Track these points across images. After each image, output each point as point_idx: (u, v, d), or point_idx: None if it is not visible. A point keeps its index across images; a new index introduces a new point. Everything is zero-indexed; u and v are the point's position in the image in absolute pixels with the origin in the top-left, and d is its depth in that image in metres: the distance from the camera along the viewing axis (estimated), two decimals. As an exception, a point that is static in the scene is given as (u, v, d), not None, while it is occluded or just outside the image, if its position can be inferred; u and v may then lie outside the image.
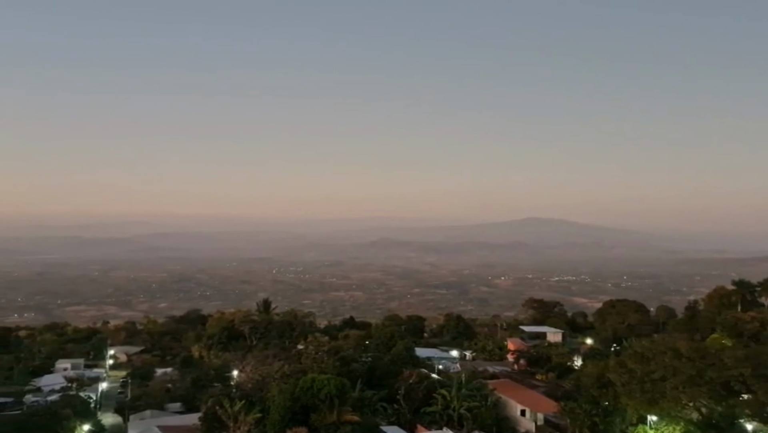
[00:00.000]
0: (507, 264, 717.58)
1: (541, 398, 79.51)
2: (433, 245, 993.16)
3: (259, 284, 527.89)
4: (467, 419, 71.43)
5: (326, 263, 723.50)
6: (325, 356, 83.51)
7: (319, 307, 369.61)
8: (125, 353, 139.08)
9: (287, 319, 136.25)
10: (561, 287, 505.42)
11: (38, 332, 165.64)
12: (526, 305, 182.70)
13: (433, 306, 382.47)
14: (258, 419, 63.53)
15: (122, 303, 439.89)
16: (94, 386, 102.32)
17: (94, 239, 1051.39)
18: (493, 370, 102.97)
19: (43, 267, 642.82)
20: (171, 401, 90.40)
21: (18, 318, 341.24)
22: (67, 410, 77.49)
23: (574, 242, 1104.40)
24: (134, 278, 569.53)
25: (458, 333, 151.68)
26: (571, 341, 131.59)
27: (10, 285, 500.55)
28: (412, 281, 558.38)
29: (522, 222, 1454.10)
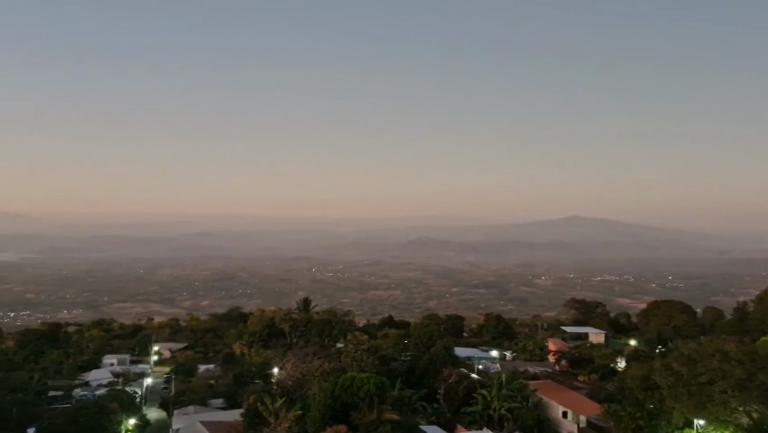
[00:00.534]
0: (548, 264, 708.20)
1: (584, 400, 78.17)
2: (473, 244, 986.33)
3: (298, 282, 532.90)
4: (508, 419, 70.72)
5: (365, 262, 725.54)
6: (364, 355, 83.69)
7: (358, 306, 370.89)
8: (169, 350, 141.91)
9: (327, 317, 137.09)
10: (603, 287, 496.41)
11: (86, 328, 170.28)
12: (567, 306, 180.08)
13: (472, 306, 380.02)
14: (298, 417, 64.02)
15: (166, 300, 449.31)
16: (140, 382, 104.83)
17: (140, 237, 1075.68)
18: (534, 370, 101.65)
19: (91, 265, 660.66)
20: (213, 397, 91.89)
21: (67, 314, 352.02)
22: (114, 404, 79.51)
23: (617, 241, 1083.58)
24: (178, 276, 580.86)
25: (498, 333, 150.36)
26: (614, 342, 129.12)
27: (61, 282, 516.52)
28: (451, 280, 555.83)
29: (563, 221, 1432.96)
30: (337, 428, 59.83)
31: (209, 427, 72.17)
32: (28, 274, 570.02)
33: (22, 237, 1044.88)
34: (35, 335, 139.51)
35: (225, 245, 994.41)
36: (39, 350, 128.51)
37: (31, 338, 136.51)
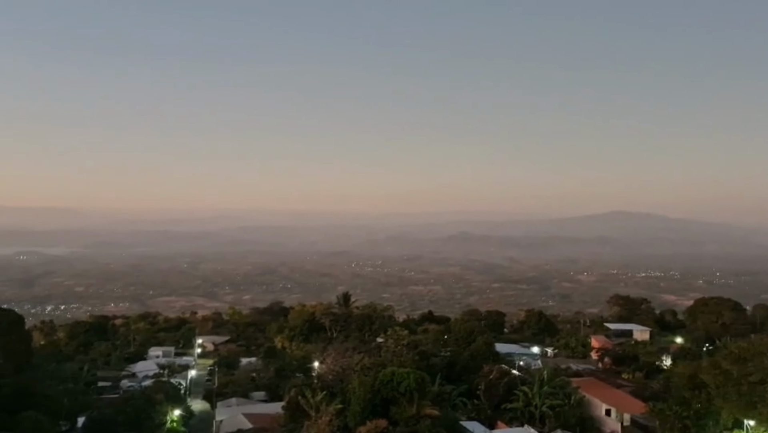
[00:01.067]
0: (591, 259, 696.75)
1: (628, 398, 76.76)
2: (514, 240, 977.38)
3: (338, 277, 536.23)
4: (549, 417, 69.85)
5: (405, 257, 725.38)
6: (404, 350, 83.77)
7: (397, 301, 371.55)
8: (212, 343, 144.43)
9: (366, 312, 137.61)
10: (648, 283, 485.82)
11: (132, 321, 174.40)
12: (611, 302, 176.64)
13: (513, 302, 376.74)
14: (339, 410, 64.39)
15: (209, 294, 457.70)
16: (184, 373, 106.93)
17: (184, 232, 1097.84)
18: (576, 368, 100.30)
19: (137, 260, 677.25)
20: (255, 389, 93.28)
21: (114, 307, 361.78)
22: (159, 395, 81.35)
23: (663, 236, 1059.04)
24: (220, 270, 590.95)
25: (539, 329, 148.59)
26: (659, 339, 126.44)
27: (108, 276, 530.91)
28: (492, 275, 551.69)
29: (607, 216, 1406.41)
30: (377, 423, 59.98)
31: (252, 419, 73.34)
32: (77, 268, 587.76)
33: (72, 232, 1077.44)
34: (84, 327, 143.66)
35: (267, 240, 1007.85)
36: (88, 342, 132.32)
37: (81, 330, 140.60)
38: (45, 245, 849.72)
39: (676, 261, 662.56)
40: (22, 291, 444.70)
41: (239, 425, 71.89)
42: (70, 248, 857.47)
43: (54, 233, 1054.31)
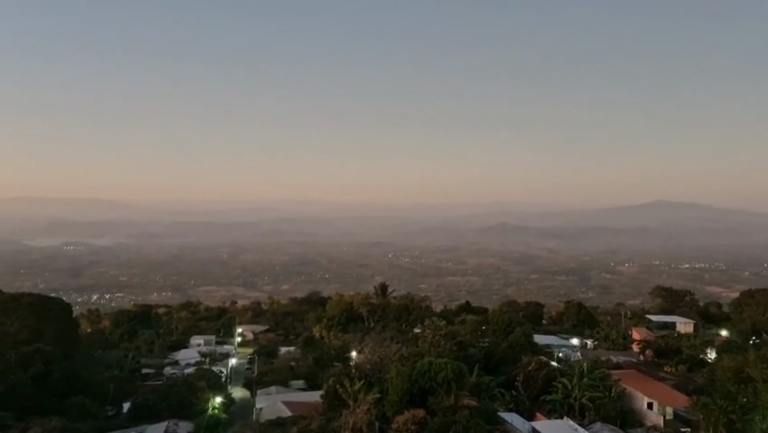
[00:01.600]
0: (632, 250, 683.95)
1: (671, 392, 75.29)
2: (553, 231, 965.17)
3: (375, 267, 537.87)
4: (589, 409, 68.98)
5: (442, 248, 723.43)
6: (442, 340, 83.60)
7: (434, 291, 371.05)
8: (252, 332, 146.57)
9: (404, 303, 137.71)
10: (692, 275, 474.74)
11: (175, 310, 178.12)
12: (653, 294, 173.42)
13: (551, 293, 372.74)
14: (377, 400, 64.73)
15: (249, 284, 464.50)
16: (225, 362, 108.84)
17: (224, 223, 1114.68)
18: (616, 360, 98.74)
19: (179, 250, 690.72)
20: (294, 378, 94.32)
21: (157, 296, 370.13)
22: (201, 382, 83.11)
23: (708, 227, 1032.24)
24: (259, 260, 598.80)
25: (579, 321, 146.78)
26: (703, 332, 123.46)
27: (151, 267, 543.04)
28: (530, 266, 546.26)
29: (649, 206, 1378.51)
30: (415, 412, 60.10)
31: (291, 407, 74.23)
32: (121, 258, 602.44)
33: (117, 223, 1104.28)
34: (128, 315, 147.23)
35: (305, 231, 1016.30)
36: (132, 330, 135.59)
37: (125, 318, 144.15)
38: (91, 236, 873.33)
39: (722, 252, 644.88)
40: (69, 281, 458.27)
41: (279, 412, 72.85)
42: (115, 238, 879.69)
43: (99, 224, 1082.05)
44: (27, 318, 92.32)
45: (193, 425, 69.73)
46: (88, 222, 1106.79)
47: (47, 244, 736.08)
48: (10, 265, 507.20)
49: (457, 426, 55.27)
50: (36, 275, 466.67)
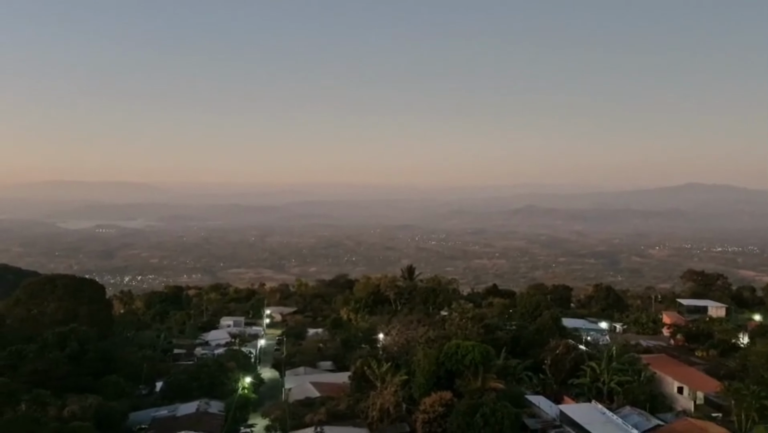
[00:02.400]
0: (663, 233, 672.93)
1: (702, 376, 74.39)
2: (582, 213, 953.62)
3: (402, 250, 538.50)
4: (618, 393, 68.61)
5: (469, 231, 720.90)
6: (469, 323, 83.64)
7: (461, 274, 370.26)
8: (280, 313, 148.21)
9: (431, 285, 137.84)
10: (725, 258, 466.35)
11: (205, 292, 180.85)
12: (684, 277, 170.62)
13: (580, 276, 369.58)
14: (404, 381, 65.16)
15: (276, 267, 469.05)
16: (254, 343, 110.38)
17: (253, 206, 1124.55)
18: (646, 344, 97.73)
19: (208, 233, 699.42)
20: (322, 359, 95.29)
21: (187, 278, 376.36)
22: (231, 363, 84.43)
23: (741, 209, 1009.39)
24: (287, 243, 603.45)
25: (608, 304, 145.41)
26: (736, 316, 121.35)
27: (182, 249, 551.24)
28: (558, 249, 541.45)
29: (681, 188, 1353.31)
30: (442, 394, 60.39)
31: (319, 387, 75.18)
32: (152, 240, 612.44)
33: (148, 206, 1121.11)
34: (160, 297, 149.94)
35: (332, 214, 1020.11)
36: (164, 311, 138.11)
37: (157, 299, 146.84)
38: (122, 218, 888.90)
39: (756, 235, 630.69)
40: (102, 262, 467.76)
41: (307, 393, 73.86)
42: (146, 221, 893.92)
43: (131, 207, 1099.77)
44: (63, 299, 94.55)
45: (224, 404, 70.98)
46: (119, 205, 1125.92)
47: (80, 226, 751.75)
48: (45, 247, 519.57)
49: (484, 409, 55.36)
50: (70, 257, 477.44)
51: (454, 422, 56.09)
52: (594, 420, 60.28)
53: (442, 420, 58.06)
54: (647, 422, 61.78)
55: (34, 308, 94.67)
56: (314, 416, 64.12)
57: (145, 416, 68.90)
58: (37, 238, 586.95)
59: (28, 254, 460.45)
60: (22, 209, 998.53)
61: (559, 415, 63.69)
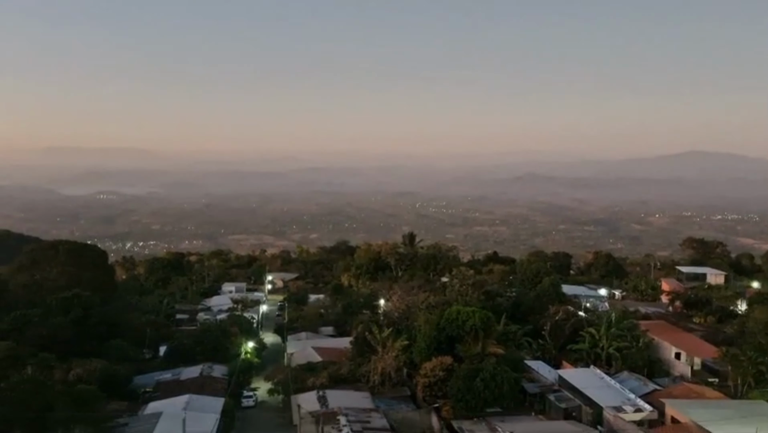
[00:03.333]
0: (663, 201, 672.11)
1: (699, 342, 75.21)
2: (582, 181, 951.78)
3: (403, 217, 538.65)
4: (616, 359, 69.42)
5: (470, 198, 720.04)
6: (470, 289, 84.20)
7: (461, 241, 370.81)
8: (282, 279, 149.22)
9: (431, 252, 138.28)
10: (724, 226, 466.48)
11: (206, 258, 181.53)
12: (684, 245, 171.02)
13: (579, 243, 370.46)
14: (405, 346, 65.91)
15: (278, 233, 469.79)
16: (256, 308, 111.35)
17: (254, 173, 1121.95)
18: (645, 311, 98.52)
19: (209, 199, 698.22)
20: (324, 324, 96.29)
21: (189, 244, 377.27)
22: (234, 328, 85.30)
23: (743, 177, 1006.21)
24: (288, 210, 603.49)
25: (607, 271, 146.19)
26: (734, 284, 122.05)
27: (183, 215, 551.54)
28: (559, 217, 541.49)
29: (682, 156, 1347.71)
30: (443, 359, 61.15)
31: (321, 352, 76.07)
32: (154, 207, 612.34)
33: (149, 173, 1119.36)
34: (162, 263, 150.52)
35: (333, 181, 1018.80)
36: (166, 277, 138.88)
37: (159, 265, 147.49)
38: (123, 185, 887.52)
39: (756, 203, 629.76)
40: (103, 229, 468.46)
41: (309, 357, 74.76)
42: (147, 188, 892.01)
43: (131, 173, 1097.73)
44: (65, 265, 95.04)
45: (227, 368, 71.95)
46: (120, 171, 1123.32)
47: (81, 193, 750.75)
48: (46, 213, 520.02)
49: (484, 373, 56.12)
50: (71, 224, 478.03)
51: (455, 386, 56.91)
52: (592, 385, 61.13)
53: (442, 384, 58.96)
54: (645, 386, 62.68)
55: (37, 274, 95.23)
56: (316, 380, 65.04)
57: (149, 379, 69.93)
58: (38, 204, 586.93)
59: (29, 220, 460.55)
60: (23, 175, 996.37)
61: (557, 380, 64.57)
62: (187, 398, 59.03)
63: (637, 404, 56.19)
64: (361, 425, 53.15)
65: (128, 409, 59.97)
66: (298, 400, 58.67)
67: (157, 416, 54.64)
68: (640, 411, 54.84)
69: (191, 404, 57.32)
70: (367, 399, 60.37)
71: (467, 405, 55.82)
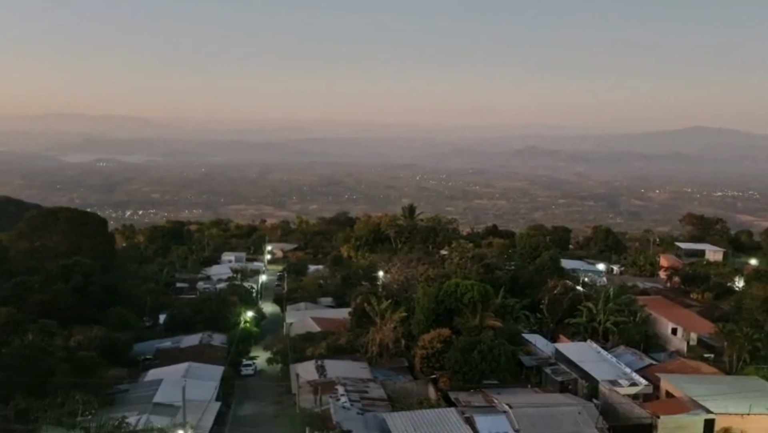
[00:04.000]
0: (664, 177, 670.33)
1: (696, 318, 75.65)
2: (584, 155, 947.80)
3: (403, 189, 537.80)
4: (613, 333, 69.91)
5: (470, 171, 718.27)
6: (469, 262, 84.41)
7: (461, 214, 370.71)
8: (281, 250, 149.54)
9: (431, 225, 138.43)
10: (724, 202, 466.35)
11: (206, 227, 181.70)
12: (683, 221, 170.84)
13: (578, 218, 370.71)
14: (403, 318, 66.33)
15: (277, 203, 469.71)
16: (255, 278, 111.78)
17: (253, 143, 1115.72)
18: (643, 286, 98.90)
19: (209, 168, 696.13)
20: (323, 295, 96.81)
21: (188, 214, 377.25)
22: (234, 297, 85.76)
23: (745, 154, 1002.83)
24: (288, 180, 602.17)
25: (606, 246, 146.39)
26: (733, 261, 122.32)
27: (182, 184, 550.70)
28: (558, 191, 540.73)
29: (685, 131, 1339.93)
30: (441, 331, 61.59)
31: (320, 323, 76.64)
32: (153, 176, 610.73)
33: (148, 141, 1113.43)
34: (162, 231, 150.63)
35: (333, 151, 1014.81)
36: (166, 246, 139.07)
37: (159, 234, 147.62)
38: (123, 153, 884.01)
39: (757, 180, 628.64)
40: (103, 196, 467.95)
41: (308, 327, 75.32)
42: (147, 156, 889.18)
43: (131, 141, 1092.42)
44: (66, 232, 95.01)
45: (226, 337, 72.53)
46: (120, 139, 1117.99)
47: (81, 160, 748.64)
48: (46, 180, 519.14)
49: (482, 346, 56.58)
50: (71, 191, 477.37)
51: (452, 358, 57.42)
52: (588, 358, 61.67)
53: (440, 356, 59.48)
54: (641, 361, 63.23)
55: (37, 241, 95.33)
56: (315, 349, 65.61)
57: (149, 347, 70.58)
58: (37, 171, 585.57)
59: (29, 186, 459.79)
60: (23, 141, 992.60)
61: (554, 353, 65.12)
62: (186, 366, 59.65)
63: (632, 378, 56.72)
64: (359, 395, 53.76)
65: (129, 376, 60.66)
66: (296, 369, 59.21)
67: (158, 383, 55.30)
68: (635, 385, 55.39)
69: (191, 372, 57.95)
70: (365, 370, 60.96)
71: (464, 377, 56.40)
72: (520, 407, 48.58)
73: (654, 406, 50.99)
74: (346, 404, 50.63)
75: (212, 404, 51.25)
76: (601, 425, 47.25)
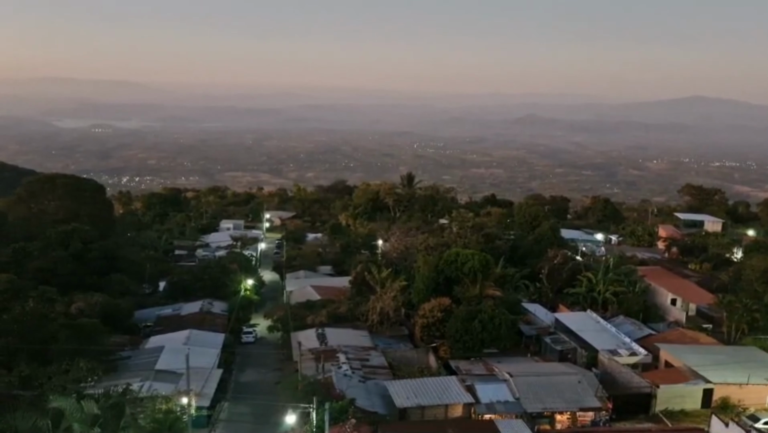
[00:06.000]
0: (662, 147, 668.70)
1: (695, 288, 76.00)
2: (582, 124, 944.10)
3: (400, 157, 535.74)
4: (612, 303, 70.22)
5: (467, 139, 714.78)
6: (468, 232, 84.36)
7: (458, 183, 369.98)
8: (279, 218, 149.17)
9: (429, 193, 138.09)
10: (722, 173, 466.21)
11: (203, 195, 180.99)
12: (682, 191, 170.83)
13: (576, 187, 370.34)
14: (403, 287, 66.44)
15: (274, 171, 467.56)
16: (254, 246, 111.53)
17: (250, 109, 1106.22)
18: (641, 256, 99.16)
19: (205, 135, 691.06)
20: (322, 263, 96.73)
21: (185, 180, 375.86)
22: (233, 265, 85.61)
23: (744, 124, 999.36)
24: (284, 147, 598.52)
25: (604, 216, 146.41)
26: (731, 231, 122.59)
27: (178, 150, 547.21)
28: (556, 160, 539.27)
29: (684, 101, 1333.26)
30: (441, 300, 61.72)
31: (319, 291, 76.74)
32: (149, 141, 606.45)
33: (143, 106, 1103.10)
34: (159, 198, 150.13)
35: (330, 118, 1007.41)
36: (163, 213, 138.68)
37: (156, 201, 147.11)
38: (118, 118, 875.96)
39: (755, 151, 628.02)
40: (99, 162, 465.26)
41: (308, 295, 75.43)
42: (142, 122, 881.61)
43: (125, 106, 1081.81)
44: (63, 198, 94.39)
45: (227, 304, 72.65)
46: (115, 104, 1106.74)
47: (76, 125, 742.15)
48: (41, 145, 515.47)
49: (482, 315, 56.77)
50: (67, 157, 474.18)
51: (453, 327, 57.65)
52: (588, 328, 62.09)
53: (440, 325, 59.71)
54: (639, 331, 63.70)
55: (35, 207, 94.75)
56: (315, 317, 65.82)
57: (150, 314, 70.71)
58: (33, 136, 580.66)
59: (24, 152, 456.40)
60: (18, 106, 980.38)
61: (554, 322, 65.52)
62: (187, 333, 59.86)
63: (631, 347, 57.16)
64: (360, 363, 54.13)
65: (130, 343, 60.81)
66: (297, 337, 59.44)
67: (159, 349, 55.50)
68: (634, 355, 55.85)
69: (192, 339, 58.19)
70: (366, 338, 61.26)
71: (464, 346, 56.72)
72: (521, 376, 49.01)
73: (653, 375, 51.47)
74: (347, 372, 50.96)
75: (214, 371, 51.52)
76: (601, 393, 47.70)
